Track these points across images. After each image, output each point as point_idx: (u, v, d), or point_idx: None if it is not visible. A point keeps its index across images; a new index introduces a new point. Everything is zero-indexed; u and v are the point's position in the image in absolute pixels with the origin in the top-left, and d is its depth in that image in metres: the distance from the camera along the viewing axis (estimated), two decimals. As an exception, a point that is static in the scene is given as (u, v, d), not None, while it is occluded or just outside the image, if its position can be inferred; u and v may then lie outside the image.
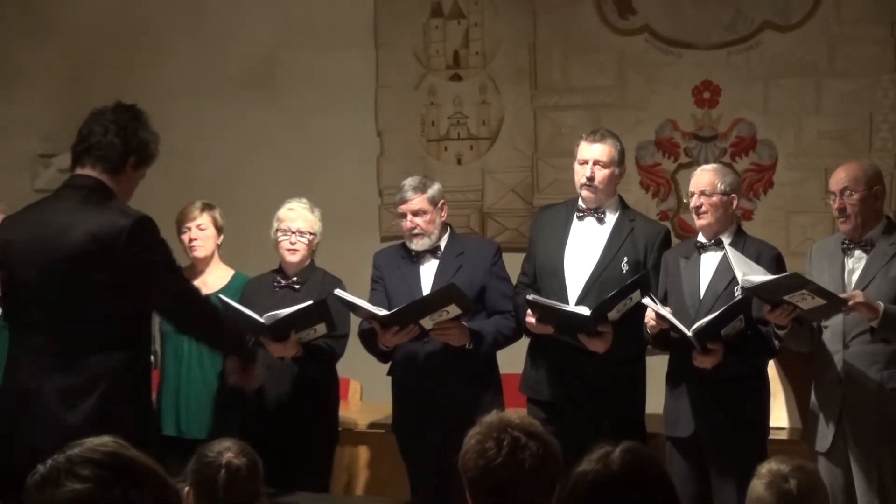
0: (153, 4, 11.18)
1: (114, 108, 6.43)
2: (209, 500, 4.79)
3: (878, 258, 7.26)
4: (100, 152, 6.30)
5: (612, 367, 7.44)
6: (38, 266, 6.23)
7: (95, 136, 6.31)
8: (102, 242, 6.13)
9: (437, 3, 10.63)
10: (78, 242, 6.15)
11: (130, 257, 6.15)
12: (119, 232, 6.14)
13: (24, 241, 6.32)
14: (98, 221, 6.17)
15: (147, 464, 3.46)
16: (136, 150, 6.36)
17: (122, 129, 6.33)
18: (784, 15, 9.85)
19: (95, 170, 6.31)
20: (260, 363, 7.23)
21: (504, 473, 4.36)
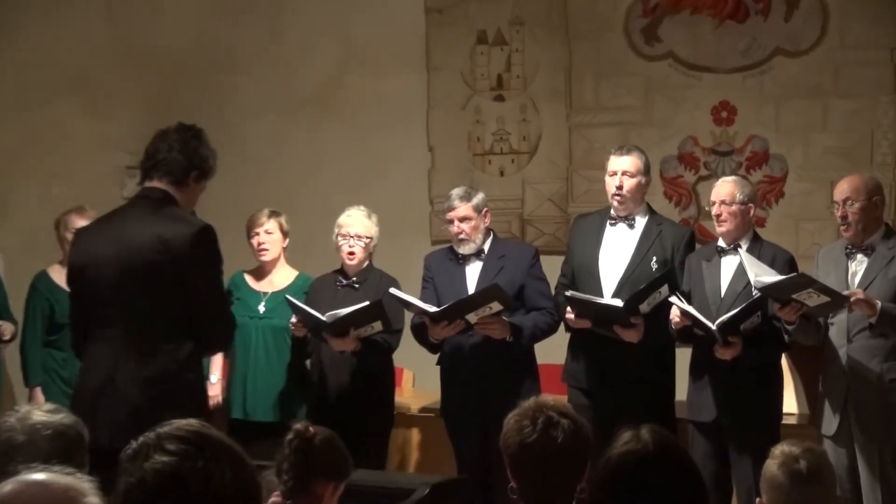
0: (230, 32, 11.18)
1: (177, 128, 6.56)
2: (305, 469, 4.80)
3: (878, 261, 7.32)
4: (166, 167, 6.42)
5: (644, 357, 7.48)
6: (114, 266, 6.32)
7: (161, 153, 6.44)
8: (170, 247, 6.23)
9: (483, 31, 10.60)
10: (148, 246, 6.26)
11: (191, 261, 6.25)
12: (184, 238, 6.24)
13: (103, 245, 6.43)
14: (166, 228, 6.28)
15: (226, 441, 3.49)
16: (198, 166, 6.48)
17: (185, 147, 6.46)
18: (794, 42, 9.80)
19: (162, 182, 6.43)
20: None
21: (539, 448, 4.41)
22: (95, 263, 6.44)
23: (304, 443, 4.82)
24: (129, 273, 6.29)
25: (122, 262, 6.32)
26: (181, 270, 6.25)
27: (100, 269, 6.42)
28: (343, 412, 7.71)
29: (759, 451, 5.65)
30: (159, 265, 6.26)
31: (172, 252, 6.24)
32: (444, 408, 8.06)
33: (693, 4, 10.03)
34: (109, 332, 6.38)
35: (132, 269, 6.28)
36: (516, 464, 4.53)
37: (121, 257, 6.33)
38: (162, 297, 6.30)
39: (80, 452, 3.91)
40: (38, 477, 2.81)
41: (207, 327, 6.48)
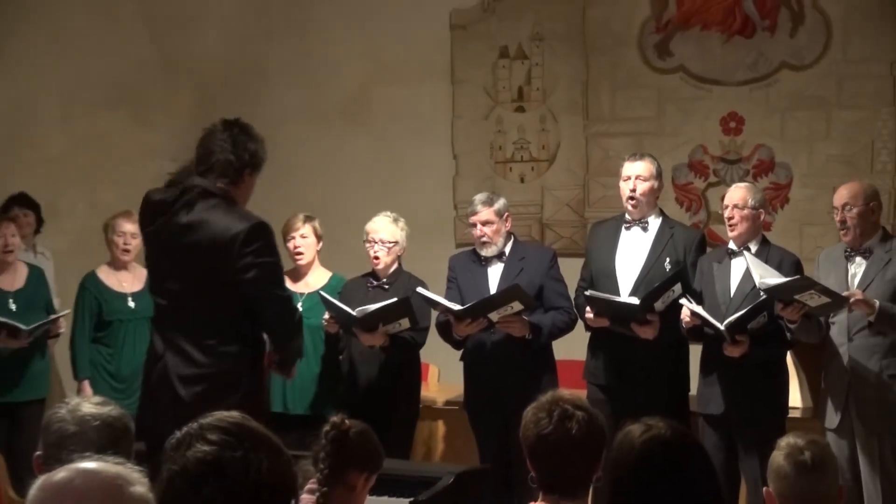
0: (264, 47, 11.21)
1: (222, 126, 6.44)
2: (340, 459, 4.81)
3: (876, 264, 7.35)
4: (221, 169, 6.30)
5: (659, 353, 7.48)
6: (171, 261, 6.30)
7: (215, 155, 6.32)
8: (223, 243, 6.13)
9: (504, 46, 10.61)
10: (202, 243, 6.17)
11: (243, 257, 6.14)
12: (236, 235, 6.13)
13: (165, 240, 6.36)
14: (221, 225, 6.18)
15: (265, 433, 3.51)
16: (250, 162, 6.38)
17: (235, 145, 6.34)
18: (798, 57, 9.79)
19: (219, 182, 6.31)
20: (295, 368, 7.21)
21: (554, 439, 4.42)
22: (156, 258, 6.50)
23: (340, 434, 4.83)
24: (182, 270, 6.28)
25: (176, 258, 6.30)
26: (232, 268, 6.17)
27: (160, 265, 6.46)
28: (371, 404, 7.70)
29: (765, 442, 5.63)
30: (210, 263, 6.20)
31: (224, 250, 6.16)
32: (466, 401, 8.06)
33: (703, 21, 10.03)
34: (163, 325, 6.42)
35: (185, 266, 6.26)
36: (534, 454, 4.55)
37: (176, 254, 6.31)
38: (211, 296, 6.27)
39: (127, 442, 3.93)
40: (89, 465, 2.82)
41: (270, 310, 6.40)
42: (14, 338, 8.34)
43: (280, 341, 6.61)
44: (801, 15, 9.79)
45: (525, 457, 4.62)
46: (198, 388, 6.23)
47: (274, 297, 6.38)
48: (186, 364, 6.28)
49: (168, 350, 6.34)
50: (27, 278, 8.77)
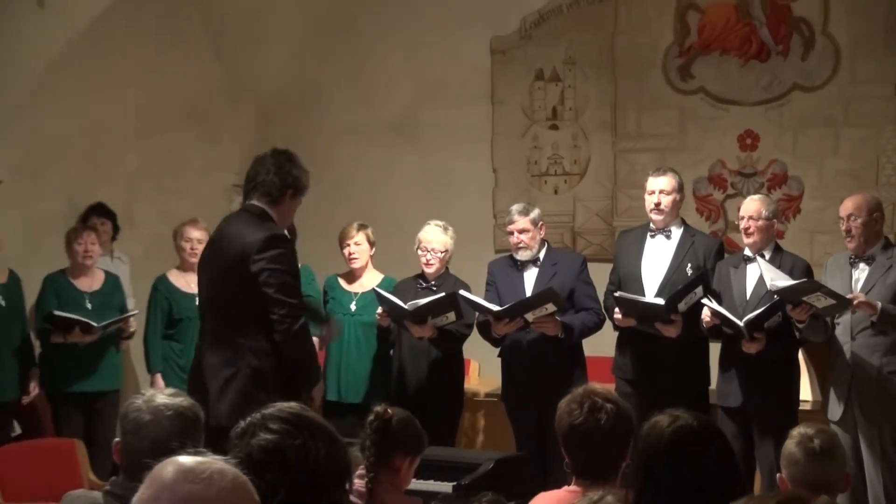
0: (322, 69, 11.22)
1: (272, 153, 6.68)
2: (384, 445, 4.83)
3: (878, 269, 7.38)
4: (264, 188, 6.56)
5: (682, 350, 7.50)
6: (213, 268, 6.61)
7: (260, 176, 6.58)
8: (246, 252, 6.37)
9: (540, 70, 10.60)
10: (233, 252, 6.44)
11: (256, 262, 6.35)
12: (253, 243, 6.36)
13: (208, 252, 6.75)
14: (250, 236, 6.41)
15: (321, 422, 3.54)
16: (292, 185, 6.60)
17: (280, 169, 6.57)
18: (809, 79, 9.76)
19: (261, 201, 6.57)
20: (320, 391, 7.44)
21: (585, 429, 4.48)
22: (201, 272, 6.77)
23: (383, 423, 4.84)
24: (219, 275, 6.54)
25: (213, 266, 6.60)
26: (250, 273, 6.36)
27: (204, 271, 6.73)
28: (419, 396, 7.75)
29: (779, 432, 5.70)
30: (238, 269, 6.40)
31: (247, 257, 6.37)
32: (504, 394, 8.08)
33: (721, 46, 10.01)
34: (203, 324, 6.75)
35: (220, 273, 6.53)
36: (567, 442, 4.59)
37: (213, 262, 6.61)
38: (240, 297, 6.44)
39: (197, 431, 3.94)
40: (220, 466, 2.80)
41: (276, 324, 6.46)
42: (87, 333, 8.40)
43: (280, 341, 6.53)
44: (811, 41, 9.76)
45: (559, 444, 4.65)
46: (224, 378, 6.47)
47: (278, 301, 6.43)
48: (216, 357, 6.53)
49: (204, 346, 6.66)
50: (103, 282, 8.83)
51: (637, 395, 7.16)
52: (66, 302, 8.58)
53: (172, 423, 3.88)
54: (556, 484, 4.92)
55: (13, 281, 8.59)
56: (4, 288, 8.50)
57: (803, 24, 9.79)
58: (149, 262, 9.59)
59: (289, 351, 6.52)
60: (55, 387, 8.65)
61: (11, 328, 8.49)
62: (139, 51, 10.40)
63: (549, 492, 4.76)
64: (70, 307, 8.53)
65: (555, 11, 10.49)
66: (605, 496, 4.08)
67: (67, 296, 8.64)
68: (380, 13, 11.03)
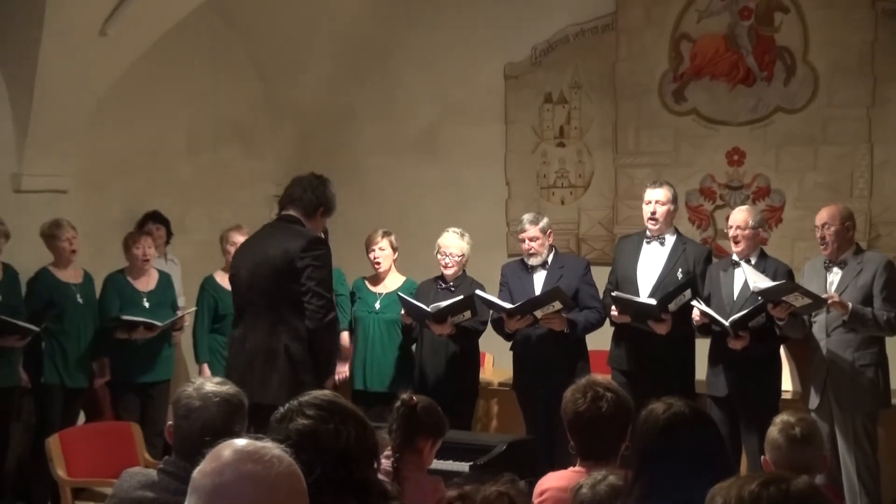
0: (354, 91, 11.23)
1: (309, 176, 6.92)
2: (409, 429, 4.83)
3: (850, 273, 7.40)
4: (301, 203, 6.81)
5: (671, 345, 7.49)
6: (258, 269, 6.68)
7: (297, 193, 6.84)
8: (290, 254, 6.55)
9: (549, 93, 10.60)
10: (278, 255, 6.60)
11: (302, 259, 6.55)
12: (301, 243, 6.57)
13: (249, 255, 6.82)
14: (291, 241, 6.61)
15: (352, 408, 3.57)
16: (324, 204, 6.85)
17: (315, 190, 6.83)
18: (791, 102, 9.74)
19: (297, 213, 6.79)
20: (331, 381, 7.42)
21: (588, 415, 4.53)
22: (244, 266, 6.81)
23: (409, 409, 4.85)
24: (266, 275, 6.62)
25: (261, 267, 6.66)
26: (297, 273, 6.53)
27: (241, 273, 6.80)
28: (439, 385, 7.76)
29: (763, 419, 5.66)
30: (283, 270, 6.56)
31: (291, 259, 6.54)
32: (515, 383, 8.08)
33: (712, 72, 10.00)
34: (243, 315, 6.79)
35: (267, 273, 6.61)
36: (572, 427, 4.64)
37: (255, 262, 6.70)
38: (280, 292, 6.58)
39: (241, 415, 3.95)
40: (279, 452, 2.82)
41: (311, 316, 6.59)
42: (150, 331, 8.44)
43: (312, 328, 6.66)
44: (793, 68, 9.74)
45: (565, 429, 4.67)
46: (265, 361, 6.58)
47: (316, 294, 6.59)
48: (260, 344, 6.62)
49: (247, 335, 6.71)
50: (158, 282, 8.84)
51: (630, 384, 7.12)
52: (127, 301, 8.61)
53: (220, 408, 3.90)
54: (563, 465, 4.92)
55: (88, 281, 8.64)
56: (81, 287, 8.56)
57: (786, 53, 9.77)
58: (198, 263, 9.60)
59: (320, 338, 6.66)
60: (115, 376, 8.69)
61: (87, 323, 8.55)
62: (190, 75, 10.44)
63: (556, 472, 4.76)
64: (130, 306, 8.57)
65: (562, 41, 10.49)
66: (608, 476, 4.10)
67: (127, 295, 8.66)
68: (406, 42, 11.04)
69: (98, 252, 9.26)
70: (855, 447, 7.30)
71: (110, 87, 9.35)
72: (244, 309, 6.83)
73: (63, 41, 8.64)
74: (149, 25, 9.13)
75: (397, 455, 4.76)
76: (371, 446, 3.56)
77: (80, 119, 9.29)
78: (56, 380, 8.35)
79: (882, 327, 7.26)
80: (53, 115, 9.04)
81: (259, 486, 2.68)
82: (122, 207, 9.85)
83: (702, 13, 10.01)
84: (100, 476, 6.67)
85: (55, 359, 8.36)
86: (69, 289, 8.47)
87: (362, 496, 3.43)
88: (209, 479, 2.67)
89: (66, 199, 9.27)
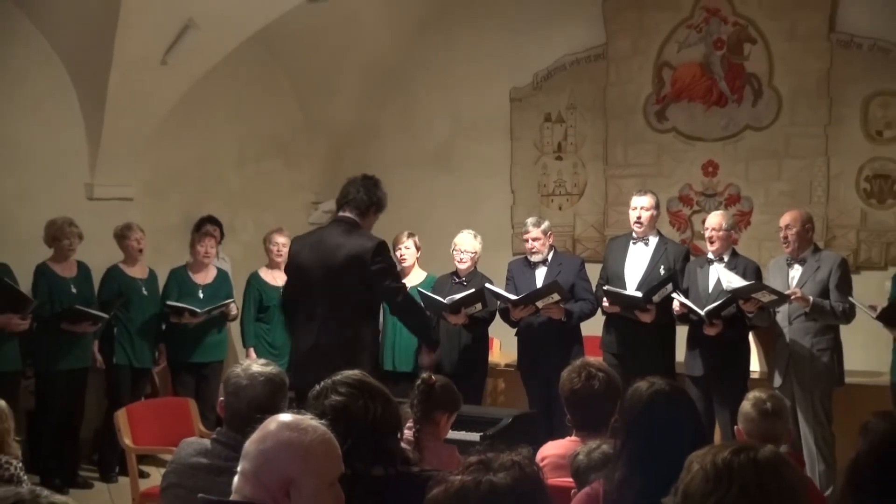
0: (379, 111, 11.24)
1: (362, 177, 6.77)
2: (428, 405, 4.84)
3: (809, 269, 7.42)
4: (354, 203, 6.64)
5: (654, 332, 7.50)
6: (320, 270, 6.53)
7: (352, 194, 6.66)
8: (358, 256, 6.44)
9: (548, 113, 10.57)
10: (343, 256, 6.47)
11: (373, 265, 6.43)
12: (367, 250, 6.43)
13: (309, 254, 6.64)
14: (355, 243, 6.48)
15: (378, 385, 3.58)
16: (376, 203, 6.70)
17: (368, 190, 6.67)
18: (758, 121, 9.72)
19: (352, 213, 6.63)
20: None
21: (582, 392, 4.57)
22: (306, 266, 6.64)
23: (428, 387, 4.85)
24: (330, 275, 6.48)
25: (324, 266, 6.51)
26: (364, 274, 6.44)
27: (308, 271, 6.61)
28: (454, 366, 7.73)
29: (733, 396, 5.80)
30: (349, 271, 6.44)
31: (359, 260, 6.44)
32: (519, 364, 8.05)
33: (689, 95, 9.98)
34: (316, 315, 6.57)
35: (332, 272, 6.48)
36: (569, 403, 4.66)
37: (324, 263, 6.52)
38: (350, 291, 6.47)
39: (283, 393, 3.95)
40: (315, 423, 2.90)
41: (395, 302, 6.70)
42: (193, 317, 8.48)
43: (408, 322, 6.93)
44: (760, 91, 9.72)
45: (563, 404, 4.67)
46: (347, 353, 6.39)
47: (393, 289, 6.64)
48: (335, 338, 6.49)
49: (320, 331, 6.55)
50: (215, 277, 8.91)
51: (619, 365, 7.10)
52: (184, 291, 8.71)
53: (264, 386, 3.90)
54: (560, 435, 4.92)
55: (152, 276, 8.76)
56: (146, 282, 8.66)
57: (753, 79, 9.75)
58: (246, 261, 9.64)
59: (409, 317, 6.85)
60: (174, 357, 8.75)
61: (151, 312, 8.66)
62: (238, 99, 10.46)
63: (555, 441, 4.76)
64: (186, 296, 8.66)
65: (560, 68, 10.47)
66: (601, 444, 4.12)
67: (186, 286, 8.76)
68: (424, 70, 11.04)
69: (158, 250, 9.33)
70: (813, 420, 7.33)
71: (170, 109, 9.39)
72: (306, 306, 6.70)
73: (129, 70, 8.69)
74: (203, 56, 9.16)
75: (418, 427, 4.76)
76: (395, 419, 3.57)
77: (143, 136, 9.34)
78: (125, 361, 8.47)
79: (838, 317, 7.28)
80: (121, 134, 9.10)
81: (295, 450, 2.77)
82: (179, 213, 9.90)
83: (681, 44, 10.00)
84: (161, 444, 6.69)
85: (124, 343, 8.47)
86: (136, 283, 8.56)
87: (388, 461, 3.45)
88: (255, 446, 2.80)
89: (132, 206, 9.32)
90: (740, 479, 2.39)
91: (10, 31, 8.64)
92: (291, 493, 2.77)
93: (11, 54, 8.66)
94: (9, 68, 8.65)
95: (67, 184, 9.00)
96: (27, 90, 8.77)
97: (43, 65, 8.86)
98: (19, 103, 8.71)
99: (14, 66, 8.68)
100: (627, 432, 3.68)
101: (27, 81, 8.77)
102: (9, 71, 8.65)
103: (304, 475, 2.78)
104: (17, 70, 8.71)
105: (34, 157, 8.79)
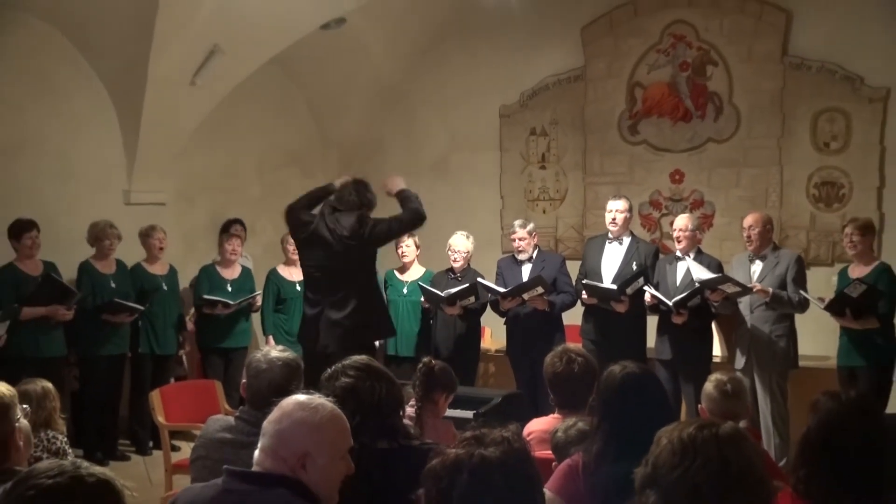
0: (383, 126, 11.23)
1: (353, 181, 6.87)
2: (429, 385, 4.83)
3: (769, 265, 7.44)
4: (347, 205, 6.72)
5: (627, 321, 7.48)
6: (328, 247, 6.64)
7: (346, 197, 6.74)
8: (355, 232, 6.57)
9: (533, 128, 10.56)
10: (343, 235, 6.58)
11: (371, 229, 6.59)
12: (356, 223, 6.59)
13: (318, 234, 6.70)
14: (349, 224, 6.59)
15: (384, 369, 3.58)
16: (366, 204, 6.78)
17: (359, 192, 6.77)
18: (719, 134, 9.71)
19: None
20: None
21: (564, 375, 4.58)
22: (312, 245, 6.75)
23: (429, 370, 4.84)
24: (337, 252, 6.61)
25: (331, 245, 6.62)
26: (363, 244, 6.60)
27: (316, 250, 6.72)
28: (450, 352, 7.74)
29: (698, 377, 5.79)
30: (349, 246, 6.58)
31: (356, 236, 6.56)
32: (508, 350, 8.05)
33: (658, 111, 9.97)
34: (323, 287, 6.71)
35: (337, 250, 6.60)
36: (551, 384, 4.66)
37: (330, 242, 6.63)
38: (353, 264, 6.60)
39: (298, 376, 3.95)
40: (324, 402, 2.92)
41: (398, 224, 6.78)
42: (226, 308, 8.48)
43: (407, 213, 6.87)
44: (721, 108, 9.71)
45: (546, 385, 4.66)
46: (348, 309, 6.56)
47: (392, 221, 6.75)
48: (338, 298, 6.60)
49: (324, 301, 6.64)
50: (241, 273, 8.92)
51: (596, 350, 7.10)
52: (214, 285, 8.74)
53: (282, 370, 3.90)
54: (544, 413, 4.92)
55: (172, 273, 8.73)
56: (167, 277, 8.65)
57: (715, 97, 9.74)
58: (265, 259, 9.62)
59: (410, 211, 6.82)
60: (204, 343, 8.75)
61: (172, 305, 8.65)
62: (259, 115, 10.45)
63: (539, 418, 4.76)
64: (216, 289, 8.68)
65: (544, 88, 10.46)
66: (577, 422, 4.11)
67: (216, 281, 8.78)
68: (423, 90, 11.02)
69: (189, 249, 9.37)
70: (770, 399, 7.33)
71: (198, 124, 9.40)
72: (319, 288, 6.76)
73: (162, 90, 8.70)
74: (227, 77, 9.16)
75: (419, 405, 4.75)
76: (398, 399, 3.57)
77: (175, 148, 9.34)
78: (147, 349, 8.48)
79: (795, 306, 7.30)
80: (155, 146, 9.11)
81: (308, 427, 2.78)
82: (207, 216, 9.91)
83: (651, 66, 9.99)
84: (190, 421, 6.69)
85: (147, 333, 8.46)
86: (156, 279, 8.56)
87: (392, 436, 3.45)
88: (272, 425, 2.82)
89: (165, 210, 9.32)
90: (704, 452, 2.39)
91: (57, 56, 8.65)
92: (307, 465, 2.79)
93: (57, 76, 8.68)
94: (55, 89, 8.66)
95: (108, 191, 9.02)
96: (72, 108, 8.79)
97: (85, 86, 8.86)
98: (66, 120, 8.74)
99: (60, 86, 8.70)
100: (603, 410, 3.69)
101: (72, 100, 8.79)
102: (56, 91, 8.67)
103: (317, 449, 2.79)
104: (63, 90, 8.72)
105: (79, 168, 8.83)
